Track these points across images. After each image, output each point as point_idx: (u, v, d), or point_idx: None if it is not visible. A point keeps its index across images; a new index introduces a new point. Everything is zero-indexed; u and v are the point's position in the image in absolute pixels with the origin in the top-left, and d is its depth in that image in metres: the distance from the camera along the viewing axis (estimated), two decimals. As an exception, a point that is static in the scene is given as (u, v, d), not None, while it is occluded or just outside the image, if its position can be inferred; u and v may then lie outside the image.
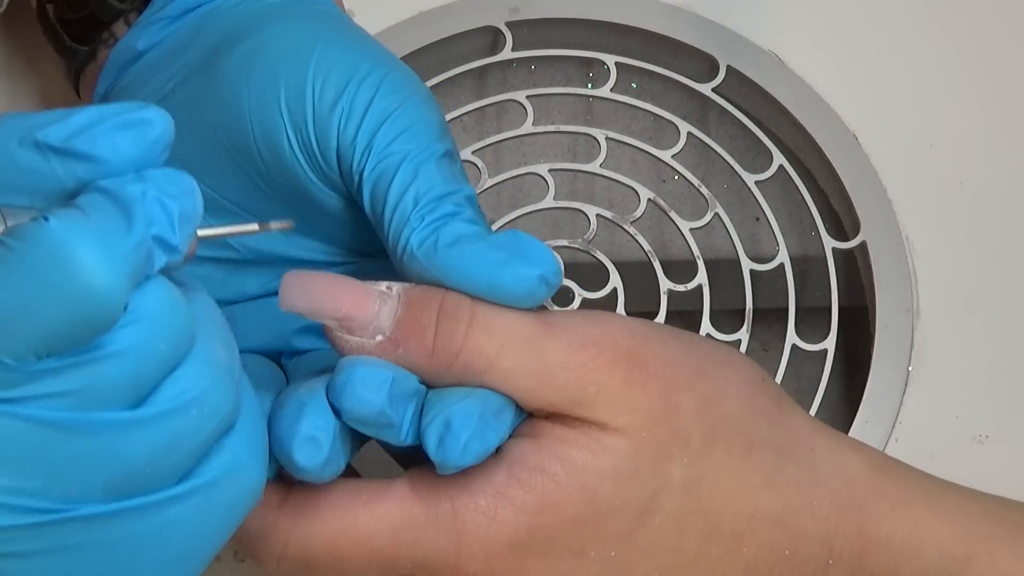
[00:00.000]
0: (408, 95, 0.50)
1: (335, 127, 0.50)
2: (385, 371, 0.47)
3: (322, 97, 0.50)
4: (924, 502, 0.51)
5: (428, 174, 0.49)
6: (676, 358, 0.49)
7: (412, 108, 0.50)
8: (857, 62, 0.68)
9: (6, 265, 0.39)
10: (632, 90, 0.69)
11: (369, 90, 0.50)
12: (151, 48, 0.56)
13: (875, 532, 0.51)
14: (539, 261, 0.47)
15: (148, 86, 0.55)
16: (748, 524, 0.50)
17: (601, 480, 0.48)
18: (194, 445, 0.42)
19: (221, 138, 0.52)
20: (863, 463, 0.51)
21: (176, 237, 0.42)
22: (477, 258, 0.47)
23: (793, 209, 0.67)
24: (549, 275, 0.47)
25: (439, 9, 0.69)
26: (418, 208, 0.48)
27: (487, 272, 0.47)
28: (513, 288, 0.47)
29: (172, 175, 0.43)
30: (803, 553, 0.50)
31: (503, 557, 0.48)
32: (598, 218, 0.66)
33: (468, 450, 0.47)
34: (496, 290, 0.47)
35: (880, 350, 0.63)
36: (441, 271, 0.47)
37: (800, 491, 0.50)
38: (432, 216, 0.48)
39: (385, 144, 0.49)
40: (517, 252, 0.47)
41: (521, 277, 0.47)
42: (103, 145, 0.42)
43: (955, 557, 0.50)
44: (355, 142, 0.49)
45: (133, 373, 0.41)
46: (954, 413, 0.57)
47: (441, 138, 0.50)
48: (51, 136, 0.42)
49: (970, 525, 0.51)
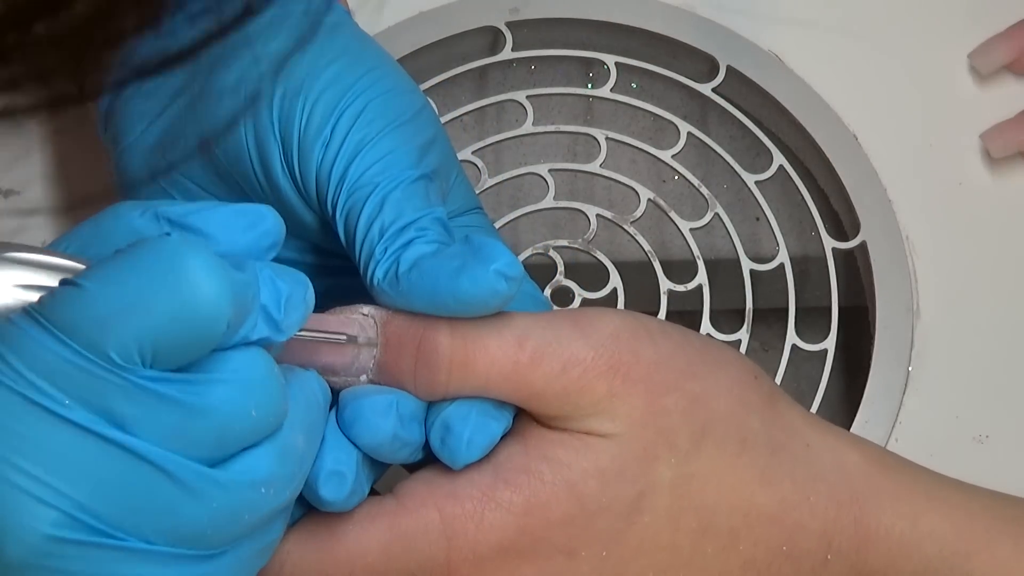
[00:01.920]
0: (389, 120, 0.51)
1: (316, 156, 0.50)
2: (388, 396, 0.48)
3: (308, 124, 0.50)
4: (923, 496, 0.51)
5: (394, 204, 0.49)
6: (664, 359, 0.49)
7: (389, 135, 0.50)
8: (857, 62, 0.68)
9: (124, 265, 0.41)
10: (632, 90, 0.69)
11: (349, 119, 0.50)
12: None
13: (873, 526, 0.51)
14: (491, 257, 0.47)
15: (154, 96, 0.55)
16: (744, 521, 0.50)
17: (586, 479, 0.48)
18: (252, 522, 0.43)
19: (218, 152, 0.52)
20: (860, 457, 0.51)
21: (280, 314, 0.43)
22: (433, 275, 0.47)
23: (793, 209, 0.67)
24: (504, 267, 0.46)
25: (439, 9, 0.69)
26: (383, 240, 0.49)
27: (445, 286, 0.47)
28: (473, 291, 0.47)
29: (289, 269, 0.45)
30: (801, 548, 0.50)
31: (493, 560, 0.48)
32: (598, 218, 0.66)
33: (473, 445, 0.47)
34: (459, 302, 0.47)
35: (880, 350, 0.63)
36: (405, 299, 0.48)
37: (796, 487, 0.50)
38: (394, 246, 0.48)
39: (357, 176, 0.50)
40: (470, 255, 0.47)
41: (477, 279, 0.47)
42: (217, 223, 0.44)
43: (955, 551, 0.50)
44: (332, 173, 0.50)
45: (221, 428, 0.42)
46: (954, 413, 0.57)
47: (417, 163, 0.50)
48: (171, 212, 0.44)
49: (969, 519, 0.51)
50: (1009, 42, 0.67)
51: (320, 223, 0.52)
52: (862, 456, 0.51)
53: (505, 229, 0.66)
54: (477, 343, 0.48)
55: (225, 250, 0.44)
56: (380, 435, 0.47)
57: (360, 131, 0.50)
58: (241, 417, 0.42)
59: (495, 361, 0.48)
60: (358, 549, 0.48)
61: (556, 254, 0.65)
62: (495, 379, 0.48)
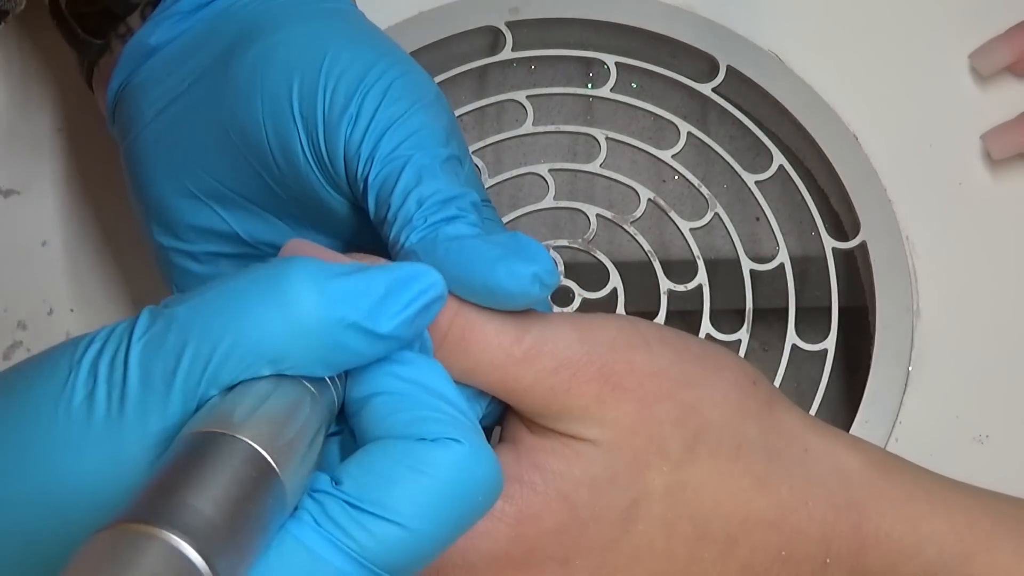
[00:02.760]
0: (415, 99, 0.50)
1: (343, 133, 0.50)
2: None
3: (332, 104, 0.50)
4: (923, 499, 0.51)
5: (432, 178, 0.49)
6: (658, 368, 0.49)
7: (418, 113, 0.50)
8: (857, 62, 0.68)
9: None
10: (632, 90, 0.69)
11: (376, 96, 0.50)
12: (165, 44, 0.56)
13: (873, 530, 0.51)
14: (535, 259, 0.47)
15: (163, 84, 0.55)
16: (741, 527, 0.50)
17: (578, 487, 0.48)
18: None
19: (235, 140, 0.52)
20: (860, 461, 0.51)
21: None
22: (473, 253, 0.47)
23: (793, 209, 0.67)
24: (544, 274, 0.46)
25: (439, 9, 0.69)
26: (421, 210, 0.48)
27: (481, 267, 0.47)
28: (506, 284, 0.46)
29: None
30: (800, 553, 0.50)
31: (484, 569, 0.48)
32: (598, 218, 0.66)
33: None
34: (490, 285, 0.47)
35: (880, 350, 0.63)
36: (437, 265, 0.47)
37: (793, 492, 0.50)
38: (435, 218, 0.48)
39: (390, 150, 0.49)
40: (514, 250, 0.47)
41: (515, 274, 0.46)
42: (412, 331, 0.44)
43: (955, 555, 0.50)
44: (360, 148, 0.50)
45: None
46: (954, 413, 0.57)
47: (446, 142, 0.50)
48: (380, 325, 0.43)
49: (970, 522, 0.51)
50: (1009, 43, 0.67)
51: (347, 208, 0.52)
52: (862, 459, 0.51)
53: (508, 230, 0.66)
54: (477, 326, 0.48)
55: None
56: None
57: (389, 108, 0.50)
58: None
59: (488, 348, 0.47)
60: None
61: (556, 254, 0.65)
62: (484, 366, 0.48)
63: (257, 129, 0.51)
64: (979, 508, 0.51)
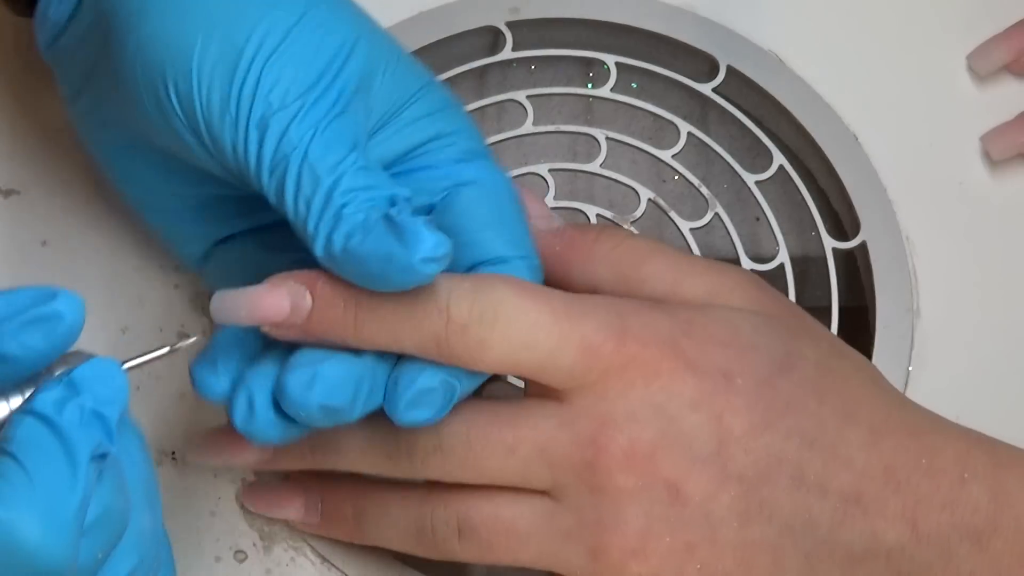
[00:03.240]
0: (289, 81, 0.49)
1: (228, 139, 0.50)
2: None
3: (210, 109, 0.50)
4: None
5: (309, 173, 0.49)
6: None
7: (289, 100, 0.49)
8: (857, 62, 0.68)
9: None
10: (632, 90, 0.69)
11: (251, 88, 0.49)
12: (62, 17, 0.55)
13: (1006, 455, 0.52)
14: (415, 244, 0.47)
15: (76, 66, 0.55)
16: (883, 423, 0.51)
17: (743, 318, 0.52)
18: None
19: (147, 135, 0.52)
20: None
21: (114, 439, 0.43)
22: (364, 261, 0.48)
23: (793, 209, 0.67)
24: (429, 252, 0.47)
25: (439, 9, 0.69)
26: (312, 220, 0.48)
27: (378, 273, 0.48)
28: (405, 280, 0.48)
29: (99, 371, 0.43)
30: (937, 465, 0.51)
31: (657, 352, 0.51)
32: (598, 218, 0.66)
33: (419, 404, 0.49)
34: (393, 287, 0.48)
35: (880, 350, 0.63)
36: (346, 276, 0.49)
37: (926, 418, 0.53)
38: (325, 225, 0.48)
39: (272, 152, 0.49)
40: (396, 243, 0.47)
41: (406, 270, 0.47)
42: (14, 345, 0.43)
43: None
44: (247, 156, 0.50)
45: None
46: (954, 413, 0.57)
47: (320, 115, 0.49)
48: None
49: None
50: (1008, 42, 0.67)
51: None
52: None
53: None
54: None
55: (27, 367, 0.43)
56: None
57: (260, 105, 0.49)
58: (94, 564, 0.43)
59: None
60: None
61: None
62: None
63: (156, 131, 0.51)
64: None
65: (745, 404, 0.50)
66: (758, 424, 0.50)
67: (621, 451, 0.50)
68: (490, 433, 0.51)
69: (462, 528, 0.51)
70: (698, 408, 0.50)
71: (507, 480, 0.51)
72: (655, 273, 0.54)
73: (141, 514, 0.45)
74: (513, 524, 0.51)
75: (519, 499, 0.51)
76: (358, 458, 0.53)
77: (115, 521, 0.43)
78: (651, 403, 0.50)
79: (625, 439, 0.50)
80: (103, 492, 0.43)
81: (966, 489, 0.51)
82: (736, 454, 0.50)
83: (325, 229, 0.48)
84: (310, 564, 0.57)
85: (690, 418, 0.50)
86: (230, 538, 0.58)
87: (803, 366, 0.51)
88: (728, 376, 0.50)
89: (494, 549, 0.51)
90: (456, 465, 0.51)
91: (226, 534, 0.58)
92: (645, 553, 0.50)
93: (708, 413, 0.50)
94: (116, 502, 0.43)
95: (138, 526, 0.45)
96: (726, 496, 0.50)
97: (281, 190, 0.49)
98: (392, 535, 0.53)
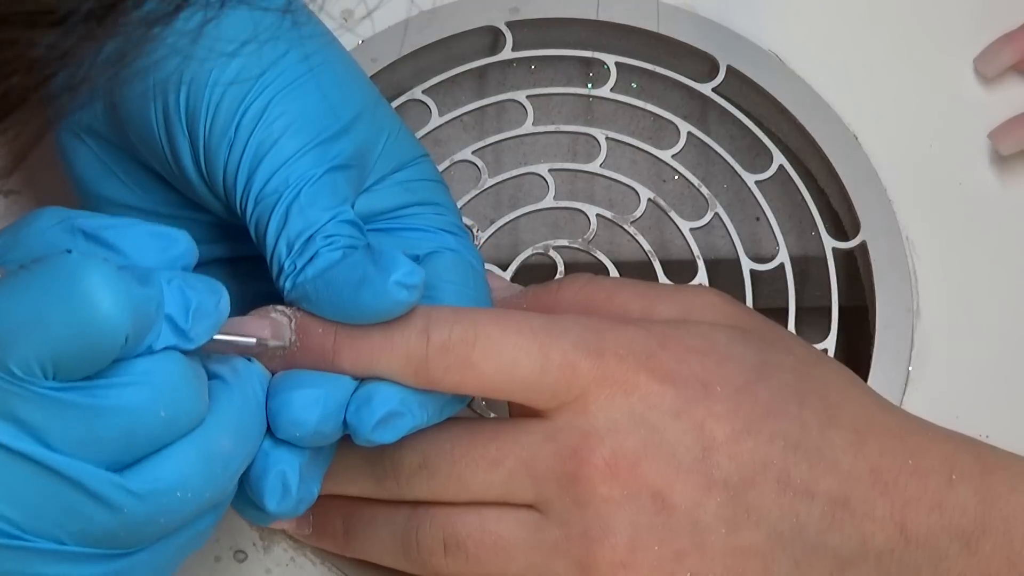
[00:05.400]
0: (295, 116, 0.50)
1: (221, 161, 0.50)
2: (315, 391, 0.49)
3: (213, 125, 0.50)
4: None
5: (298, 213, 0.49)
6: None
7: (294, 135, 0.50)
8: (857, 62, 0.68)
9: (24, 281, 0.42)
10: (632, 90, 0.69)
11: (252, 118, 0.50)
12: None
13: (992, 458, 0.52)
14: (390, 268, 0.47)
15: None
16: (868, 425, 0.51)
17: (716, 330, 0.52)
18: (169, 523, 0.44)
19: (135, 141, 0.52)
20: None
21: (188, 323, 0.44)
22: (337, 287, 0.48)
23: (793, 209, 0.67)
24: (403, 277, 0.47)
25: (439, 9, 0.69)
26: (291, 256, 0.49)
27: (349, 299, 0.48)
28: (375, 306, 0.48)
29: (205, 279, 0.45)
30: (925, 466, 0.51)
31: (638, 361, 0.51)
32: (598, 218, 0.66)
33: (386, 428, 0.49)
34: (363, 314, 0.48)
35: (880, 350, 0.63)
36: (315, 309, 0.49)
37: (912, 419, 0.53)
38: (301, 261, 0.49)
39: (261, 185, 0.50)
40: (371, 266, 0.47)
41: (378, 293, 0.47)
42: (130, 242, 0.46)
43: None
44: (236, 181, 0.50)
45: (127, 430, 0.43)
46: (954, 413, 0.57)
47: (322, 158, 0.50)
48: (87, 224, 0.46)
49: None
50: (1013, 44, 0.67)
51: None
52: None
53: (505, 229, 0.66)
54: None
55: (135, 265, 0.45)
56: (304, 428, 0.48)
57: (262, 131, 0.50)
58: (148, 418, 0.43)
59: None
60: None
61: (556, 254, 0.65)
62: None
63: (151, 134, 0.51)
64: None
65: (726, 410, 0.50)
66: (740, 430, 0.50)
67: (604, 461, 0.50)
68: (473, 448, 0.51)
69: (448, 543, 0.51)
70: (679, 416, 0.50)
71: (492, 495, 0.51)
72: (625, 303, 0.54)
73: (218, 431, 0.45)
74: (500, 537, 0.51)
75: (505, 513, 0.51)
76: (348, 484, 0.53)
77: (182, 397, 0.44)
78: (632, 414, 0.50)
79: (607, 450, 0.50)
80: (170, 362, 0.44)
81: (954, 490, 0.50)
82: (720, 460, 0.50)
83: (300, 263, 0.49)
84: (310, 564, 0.58)
85: (672, 426, 0.50)
86: (230, 538, 0.58)
87: (781, 373, 0.51)
88: (707, 385, 0.50)
89: (481, 563, 0.51)
90: (441, 482, 0.51)
91: (226, 534, 0.58)
92: (634, 564, 0.50)
93: (690, 421, 0.50)
94: (184, 384, 0.44)
95: (208, 441, 0.45)
96: (712, 503, 0.50)
97: (265, 226, 0.49)
98: (379, 550, 0.53)
